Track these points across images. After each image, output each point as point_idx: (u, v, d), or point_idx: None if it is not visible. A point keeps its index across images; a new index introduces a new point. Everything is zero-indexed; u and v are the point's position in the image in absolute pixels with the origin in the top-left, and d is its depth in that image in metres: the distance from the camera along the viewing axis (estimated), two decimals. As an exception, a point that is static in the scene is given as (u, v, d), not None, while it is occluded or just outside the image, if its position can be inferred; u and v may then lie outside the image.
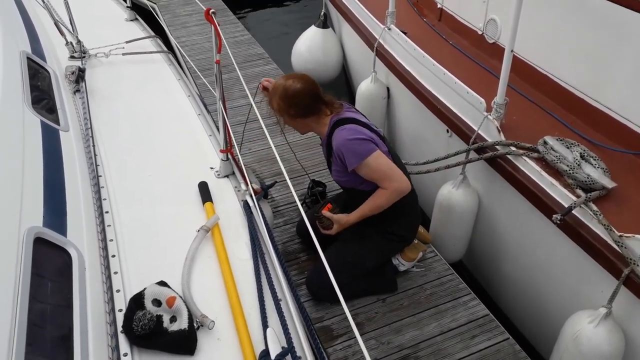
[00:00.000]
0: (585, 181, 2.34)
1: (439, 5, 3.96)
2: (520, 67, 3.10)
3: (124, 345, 1.54)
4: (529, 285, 2.72)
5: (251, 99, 2.09)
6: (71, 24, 3.20)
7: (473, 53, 3.52)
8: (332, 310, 2.61)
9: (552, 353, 2.35)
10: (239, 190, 2.24)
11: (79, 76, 2.86)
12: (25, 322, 1.29)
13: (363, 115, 2.60)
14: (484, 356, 2.42)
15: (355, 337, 2.40)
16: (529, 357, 2.43)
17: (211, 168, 2.37)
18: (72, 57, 3.18)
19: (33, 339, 1.27)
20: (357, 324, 2.53)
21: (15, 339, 1.23)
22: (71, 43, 3.19)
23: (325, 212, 2.53)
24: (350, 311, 2.58)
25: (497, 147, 2.69)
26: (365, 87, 3.91)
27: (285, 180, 3.38)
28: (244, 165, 2.27)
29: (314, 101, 2.47)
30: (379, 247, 2.65)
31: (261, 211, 2.05)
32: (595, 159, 2.45)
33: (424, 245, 2.81)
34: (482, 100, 2.78)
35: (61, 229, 1.71)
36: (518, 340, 2.55)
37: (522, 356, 2.43)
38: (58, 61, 3.09)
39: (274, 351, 1.50)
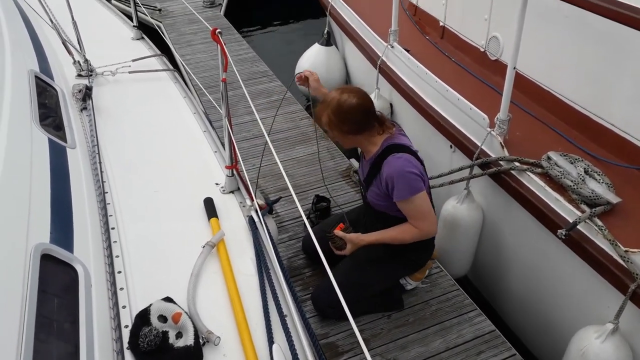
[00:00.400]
0: (590, 196, 2.34)
1: (441, 23, 4.01)
2: (523, 84, 3.12)
3: None
4: (535, 300, 2.71)
5: (257, 115, 2.11)
6: (79, 43, 3.25)
7: (475, 70, 3.55)
8: (337, 326, 2.60)
9: (559, 370, 2.33)
10: (244, 206, 2.25)
11: (86, 94, 2.90)
12: (32, 339, 1.29)
13: (408, 138, 2.52)
14: (490, 372, 2.41)
15: (361, 352, 2.41)
16: None
17: (217, 184, 2.38)
18: (79, 75, 3.22)
19: (40, 355, 1.27)
20: (362, 340, 2.53)
21: (22, 355, 1.24)
22: (78, 62, 3.24)
23: (338, 232, 2.48)
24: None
25: (500, 162, 2.70)
26: (368, 103, 3.93)
27: (290, 195, 3.39)
28: (250, 181, 2.28)
29: (367, 118, 2.35)
30: (392, 271, 2.63)
31: (266, 226, 2.06)
32: (599, 174, 2.46)
33: (431, 261, 2.80)
34: (485, 116, 2.79)
35: (68, 245, 1.72)
36: (524, 356, 2.52)
37: (529, 372, 2.41)
38: (65, 80, 3.14)
39: (280, 368, 1.50)
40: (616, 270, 2.15)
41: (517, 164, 2.64)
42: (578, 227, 2.29)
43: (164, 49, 4.12)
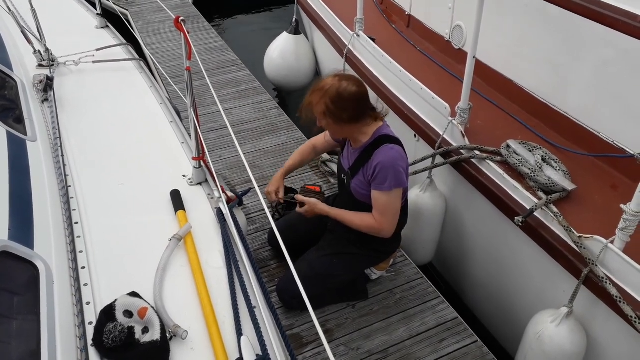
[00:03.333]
0: (546, 184, 2.42)
1: (407, 12, 4.04)
2: (485, 73, 3.19)
3: (94, 358, 1.53)
4: (496, 286, 2.80)
5: (220, 106, 2.10)
6: (39, 31, 3.17)
7: (440, 59, 3.60)
8: (302, 317, 2.63)
9: (517, 352, 2.42)
10: (212, 198, 2.25)
11: (47, 85, 2.83)
12: None
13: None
14: (452, 359, 2.47)
15: (324, 344, 2.45)
16: (496, 358, 2.49)
17: (184, 176, 2.36)
18: (40, 65, 3.14)
19: None
20: (327, 331, 2.58)
21: None
22: (39, 51, 3.15)
23: (299, 197, 2.55)
24: (320, 317, 2.66)
25: (461, 151, 2.77)
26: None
27: (259, 187, 3.38)
28: (217, 173, 2.28)
29: (365, 106, 2.34)
30: (356, 262, 2.65)
31: (234, 219, 2.06)
32: (556, 162, 2.54)
33: (396, 251, 2.86)
34: (447, 105, 2.85)
35: (28, 241, 1.70)
36: (487, 341, 2.60)
37: (489, 358, 2.48)
38: (26, 70, 3.05)
39: (248, 359, 1.51)
40: (570, 255, 2.23)
41: (477, 152, 2.71)
42: (535, 214, 2.38)
43: (130, 38, 4.04)
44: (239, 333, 1.62)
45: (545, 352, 2.21)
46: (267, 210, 1.64)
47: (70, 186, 2.23)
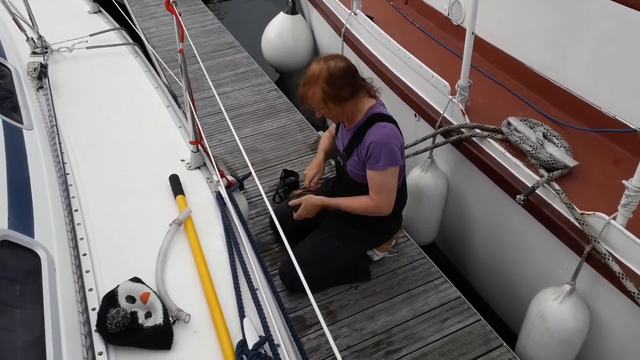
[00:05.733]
0: (548, 160, 2.41)
1: (405, -11, 3.98)
2: (485, 49, 3.15)
3: (98, 344, 1.54)
4: (498, 264, 2.80)
5: (214, 90, 2.07)
6: (31, 18, 3.12)
7: (439, 35, 3.55)
8: (305, 300, 2.64)
9: (520, 330, 2.43)
10: (211, 182, 2.24)
11: (42, 72, 2.80)
12: None
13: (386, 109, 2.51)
14: (455, 338, 2.48)
15: (327, 325, 2.46)
16: (499, 336, 2.50)
17: (182, 160, 2.35)
18: (33, 53, 3.11)
19: (2, 343, 1.27)
20: (330, 312, 2.59)
21: None
22: (32, 39, 3.12)
23: (294, 202, 2.54)
24: (323, 299, 2.66)
25: (462, 129, 2.75)
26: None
27: (259, 170, 3.37)
28: (214, 157, 2.27)
29: (357, 79, 2.32)
30: (358, 244, 2.65)
31: (234, 201, 2.05)
32: (558, 138, 2.52)
33: (398, 231, 2.85)
34: (447, 83, 2.82)
35: (28, 230, 1.70)
36: (490, 319, 2.61)
37: (493, 336, 2.49)
38: (19, 58, 3.02)
39: (251, 341, 1.51)
40: (572, 232, 2.23)
41: (477, 130, 2.68)
42: (536, 191, 2.36)
43: (124, 22, 3.99)
44: (242, 315, 1.63)
45: (549, 329, 2.21)
46: (263, 195, 1.62)
47: (68, 174, 2.22)
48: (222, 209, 2.05)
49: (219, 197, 2.12)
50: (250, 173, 2.84)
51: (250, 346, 1.50)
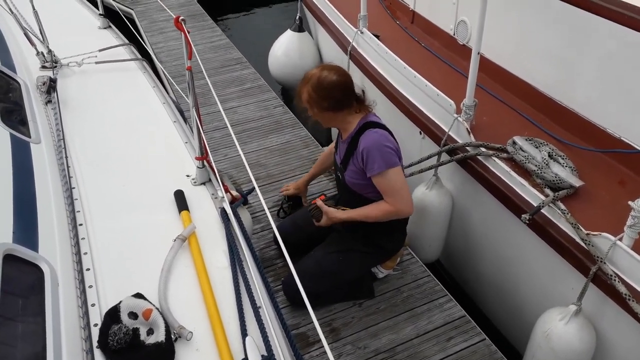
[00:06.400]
0: (553, 180, 2.40)
1: (411, 8, 4.01)
2: (491, 69, 3.16)
3: None
4: (503, 284, 2.78)
5: (220, 106, 2.09)
6: (41, 33, 3.17)
7: (445, 55, 3.57)
8: (307, 317, 2.62)
9: (525, 351, 2.40)
10: (215, 198, 2.24)
11: (51, 86, 2.83)
12: None
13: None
14: (460, 358, 2.45)
15: (330, 342, 2.45)
16: (504, 357, 2.47)
17: (187, 176, 2.36)
18: (43, 67, 3.14)
19: (4, 358, 1.26)
20: (333, 330, 2.57)
21: None
22: (42, 53, 3.16)
23: (318, 201, 2.53)
24: (326, 316, 2.64)
25: (467, 148, 2.75)
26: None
27: (264, 185, 3.37)
28: (219, 172, 2.27)
29: (347, 95, 2.39)
30: (363, 260, 2.65)
31: (238, 218, 2.05)
32: (563, 158, 2.52)
33: (402, 249, 2.84)
34: (452, 102, 2.83)
35: (32, 244, 1.70)
36: (495, 339, 2.59)
37: (497, 356, 2.47)
38: (29, 72, 3.06)
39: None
40: (578, 253, 2.21)
41: (483, 149, 2.68)
42: (542, 211, 2.35)
43: (133, 38, 4.04)
44: (244, 333, 1.62)
45: (554, 350, 2.19)
46: (266, 210, 1.62)
47: (74, 188, 2.23)
48: (226, 225, 2.05)
49: (223, 213, 2.12)
50: (254, 188, 2.86)
51: (252, 365, 1.49)
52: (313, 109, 2.42)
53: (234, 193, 2.31)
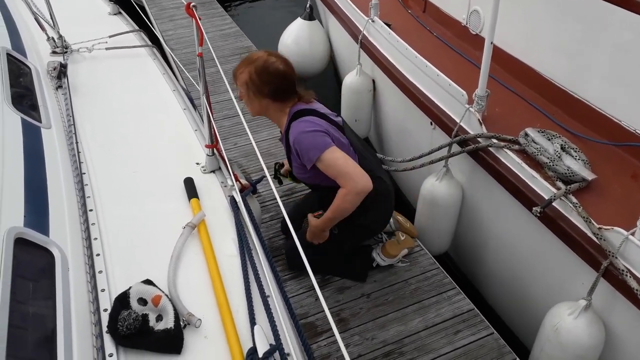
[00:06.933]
0: (565, 173, 2.37)
1: (423, -3, 3.96)
2: (503, 59, 3.12)
3: (109, 345, 1.54)
4: (512, 277, 2.76)
5: (231, 94, 2.08)
6: (52, 18, 3.16)
7: (457, 44, 3.53)
8: (316, 306, 2.63)
9: (533, 345, 2.39)
10: (225, 186, 2.24)
11: (61, 72, 2.83)
12: (5, 325, 1.29)
13: (324, 105, 2.51)
14: (468, 351, 2.45)
15: (339, 332, 2.44)
16: (512, 351, 2.46)
17: (197, 163, 2.36)
18: (54, 52, 3.14)
19: (14, 340, 1.27)
20: (342, 320, 2.58)
21: None
22: (52, 38, 3.15)
23: (309, 216, 2.53)
24: (335, 306, 2.65)
25: (478, 139, 2.72)
26: (350, 80, 3.91)
27: (272, 174, 3.36)
28: (229, 160, 2.27)
29: (288, 87, 2.36)
30: (347, 241, 2.64)
31: (248, 207, 2.05)
32: (575, 151, 2.48)
33: (411, 241, 2.83)
34: (464, 92, 2.79)
35: (43, 228, 1.70)
36: (503, 333, 2.58)
37: (506, 351, 2.45)
38: (40, 57, 3.05)
39: (261, 349, 1.50)
40: (590, 247, 2.18)
41: (494, 140, 2.65)
42: (553, 204, 2.32)
43: (143, 25, 4.03)
44: (252, 322, 1.62)
45: (562, 344, 2.17)
46: (278, 199, 1.62)
47: (84, 173, 2.24)
48: (235, 214, 2.05)
49: (232, 201, 2.12)
50: (263, 177, 2.85)
51: (260, 354, 1.49)
52: (248, 92, 2.36)
53: (243, 182, 2.31)
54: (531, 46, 3.02)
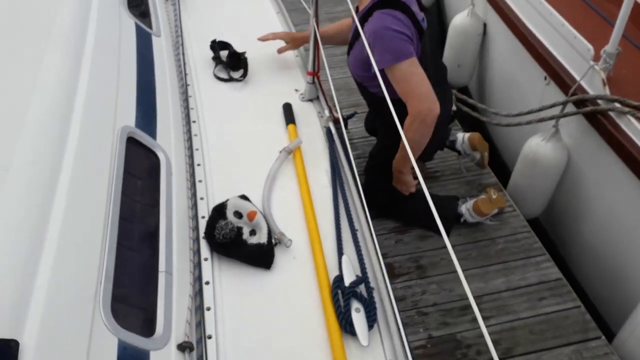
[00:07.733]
0: (698, 150, 2.13)
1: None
2: (640, 16, 2.79)
3: (205, 250, 1.59)
4: (609, 253, 2.58)
5: (354, 15, 1.96)
6: None
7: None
8: (395, 248, 2.61)
9: (622, 327, 2.25)
10: (321, 116, 2.20)
11: (171, -17, 2.84)
12: (117, 215, 1.34)
13: None
14: (550, 319, 2.35)
15: (415, 279, 2.42)
16: (598, 328, 2.33)
17: (296, 90, 2.32)
18: (165, -36, 3.14)
19: (123, 231, 1.32)
20: (420, 266, 2.56)
21: (109, 230, 1.29)
22: None
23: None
24: (414, 253, 2.63)
25: (599, 101, 2.48)
26: (460, 21, 3.67)
27: (363, 112, 3.27)
28: (327, 91, 2.21)
29: None
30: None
31: (343, 140, 2.01)
32: None
33: (503, 200, 2.71)
34: (591, 47, 2.53)
35: (151, 131, 1.74)
36: (588, 308, 2.44)
37: (591, 326, 2.33)
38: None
39: (348, 278, 1.51)
40: None
41: (617, 105, 2.41)
42: (677, 182, 2.11)
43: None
44: (340, 252, 1.62)
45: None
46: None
47: (189, 85, 2.26)
48: (330, 146, 2.01)
49: (328, 132, 2.08)
50: (355, 113, 2.78)
51: (347, 283, 1.49)
52: None
53: (337, 115, 2.26)
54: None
